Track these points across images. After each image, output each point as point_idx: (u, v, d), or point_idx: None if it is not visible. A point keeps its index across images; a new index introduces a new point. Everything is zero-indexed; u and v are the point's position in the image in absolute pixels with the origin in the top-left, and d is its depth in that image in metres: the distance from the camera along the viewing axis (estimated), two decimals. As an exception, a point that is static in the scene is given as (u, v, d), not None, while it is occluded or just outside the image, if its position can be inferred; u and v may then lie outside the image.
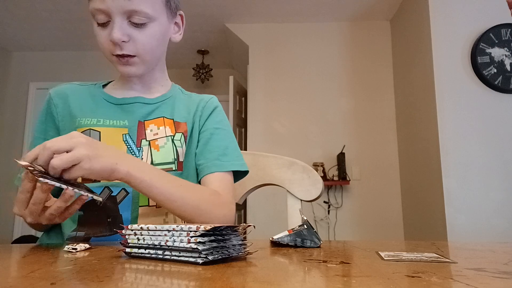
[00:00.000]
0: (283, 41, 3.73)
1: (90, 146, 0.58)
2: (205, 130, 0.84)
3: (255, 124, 3.60)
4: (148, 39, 0.75)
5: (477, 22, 2.67)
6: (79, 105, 0.81)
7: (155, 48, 0.78)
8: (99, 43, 0.75)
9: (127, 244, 0.51)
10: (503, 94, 2.61)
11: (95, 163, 0.57)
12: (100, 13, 0.71)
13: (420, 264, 0.44)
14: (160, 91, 0.87)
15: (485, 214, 2.45)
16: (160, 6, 0.76)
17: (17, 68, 4.38)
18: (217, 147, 0.82)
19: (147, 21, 0.73)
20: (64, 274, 0.39)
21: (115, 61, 0.76)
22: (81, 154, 0.56)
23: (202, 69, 4.51)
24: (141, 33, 0.74)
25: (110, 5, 0.70)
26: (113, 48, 0.73)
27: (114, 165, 0.60)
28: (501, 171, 2.51)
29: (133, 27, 0.73)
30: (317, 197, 0.94)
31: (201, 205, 0.71)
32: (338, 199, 3.41)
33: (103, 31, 0.74)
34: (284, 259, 0.51)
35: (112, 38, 0.71)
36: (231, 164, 0.81)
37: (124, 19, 0.72)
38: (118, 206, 0.74)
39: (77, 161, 0.55)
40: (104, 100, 0.82)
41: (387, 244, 0.66)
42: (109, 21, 0.72)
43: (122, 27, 0.72)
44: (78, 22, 3.72)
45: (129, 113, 0.80)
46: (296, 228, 0.64)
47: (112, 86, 0.86)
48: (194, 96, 0.91)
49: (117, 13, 0.71)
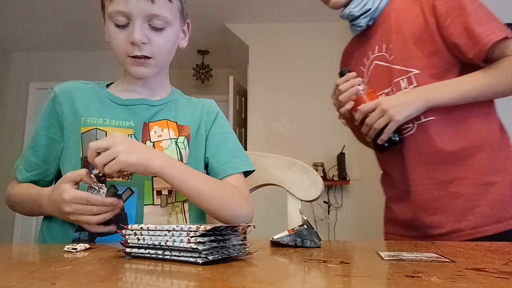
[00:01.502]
0: (283, 41, 3.73)
1: (126, 143, 0.66)
2: (212, 135, 0.88)
3: (255, 124, 3.60)
4: (165, 42, 0.78)
5: (477, 22, 2.66)
6: (85, 104, 0.81)
7: (169, 52, 0.82)
8: (114, 44, 0.77)
9: (127, 244, 0.51)
10: (503, 94, 2.60)
11: (130, 157, 0.65)
12: (121, 15, 0.74)
13: (420, 264, 0.44)
14: (162, 94, 0.89)
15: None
16: (176, 12, 0.80)
17: (17, 68, 4.38)
18: (228, 150, 0.87)
19: (165, 26, 0.77)
20: (64, 274, 0.39)
21: (129, 62, 0.78)
22: (118, 150, 0.65)
23: (202, 69, 4.51)
24: (158, 36, 0.77)
25: (133, 8, 0.73)
26: (131, 49, 0.76)
27: (147, 160, 0.67)
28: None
29: (152, 30, 0.76)
30: (317, 197, 0.94)
31: (225, 199, 0.77)
32: (338, 199, 3.41)
33: (121, 32, 0.75)
34: (284, 259, 0.51)
35: (133, 39, 0.73)
36: (243, 165, 0.86)
37: (144, 21, 0.75)
38: (123, 205, 0.75)
39: (115, 155, 0.64)
40: (110, 101, 0.83)
41: (387, 244, 0.66)
42: (129, 23, 0.75)
43: (142, 29, 0.74)
44: (78, 22, 3.72)
45: (135, 114, 0.82)
46: (296, 228, 0.64)
47: (115, 87, 0.88)
48: (195, 100, 0.93)
49: (139, 15, 0.74)
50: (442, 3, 0.91)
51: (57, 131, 0.81)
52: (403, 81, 0.95)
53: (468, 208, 0.88)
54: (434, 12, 0.92)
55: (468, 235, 0.87)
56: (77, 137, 0.77)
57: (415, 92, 0.92)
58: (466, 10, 0.89)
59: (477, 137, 0.91)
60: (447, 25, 0.90)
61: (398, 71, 0.96)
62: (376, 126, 0.91)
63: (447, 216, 0.90)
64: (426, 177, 0.93)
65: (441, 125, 0.92)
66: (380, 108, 0.91)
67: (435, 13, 0.92)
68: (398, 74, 0.96)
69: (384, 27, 1.02)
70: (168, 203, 0.79)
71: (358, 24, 1.05)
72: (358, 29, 1.07)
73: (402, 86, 0.95)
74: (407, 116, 0.90)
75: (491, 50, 0.86)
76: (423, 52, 0.94)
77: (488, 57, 0.88)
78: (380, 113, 0.91)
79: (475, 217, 0.87)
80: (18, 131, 4.22)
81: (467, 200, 0.88)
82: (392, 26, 0.99)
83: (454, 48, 0.91)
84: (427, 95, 0.90)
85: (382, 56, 1.01)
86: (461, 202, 0.89)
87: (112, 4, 0.74)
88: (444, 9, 0.91)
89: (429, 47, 0.93)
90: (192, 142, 0.84)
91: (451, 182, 0.91)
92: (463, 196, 0.89)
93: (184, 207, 0.81)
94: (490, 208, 0.87)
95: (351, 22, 1.07)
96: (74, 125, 0.79)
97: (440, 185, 0.91)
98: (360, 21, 1.03)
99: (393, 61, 0.98)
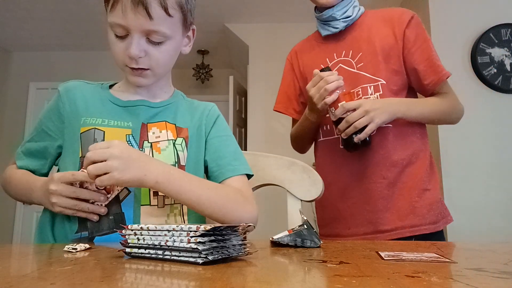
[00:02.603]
0: (283, 41, 3.72)
1: (122, 158, 0.65)
2: (212, 138, 0.88)
3: (255, 124, 3.60)
4: (162, 55, 0.78)
5: (477, 22, 2.67)
6: (85, 104, 0.83)
7: (167, 63, 0.82)
8: (113, 52, 0.78)
9: (127, 244, 0.51)
10: (503, 94, 2.60)
11: (124, 175, 0.64)
12: (120, 27, 0.73)
13: (420, 264, 0.44)
14: (163, 97, 0.89)
15: (485, 214, 2.45)
16: (177, 25, 0.78)
17: (17, 68, 4.38)
18: (228, 153, 0.86)
19: (164, 40, 0.76)
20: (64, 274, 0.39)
21: (128, 71, 0.79)
22: (112, 165, 0.63)
23: (202, 69, 4.51)
24: (156, 49, 0.76)
25: (131, 23, 0.72)
26: (129, 61, 0.76)
27: (142, 176, 0.66)
28: (501, 171, 2.51)
29: (149, 43, 0.76)
30: (317, 197, 0.94)
31: (227, 205, 0.75)
32: (338, 199, 3.41)
33: (120, 42, 0.76)
34: (284, 259, 0.51)
35: (130, 54, 0.74)
36: (243, 168, 0.85)
37: (142, 36, 0.74)
38: (121, 204, 0.75)
39: (109, 170, 0.63)
40: (110, 102, 0.84)
41: (387, 244, 0.66)
42: (127, 35, 0.74)
43: (140, 43, 0.74)
44: (78, 22, 3.72)
45: (134, 115, 0.83)
46: (296, 228, 0.64)
47: (118, 88, 0.89)
48: (196, 103, 0.94)
49: (136, 30, 0.73)
50: (412, 32, 1.07)
51: (55, 129, 0.82)
52: (370, 88, 1.07)
53: (409, 208, 1.01)
54: (403, 37, 1.06)
55: (408, 232, 0.99)
56: (77, 136, 0.78)
57: (396, 101, 1.04)
58: (429, 44, 1.07)
59: (416, 152, 1.06)
60: (412, 52, 1.06)
61: (367, 78, 1.07)
62: (357, 124, 0.96)
63: (392, 214, 1.01)
64: (379, 176, 1.03)
65: (395, 134, 1.05)
66: (363, 109, 0.97)
67: (404, 39, 1.07)
68: (366, 81, 1.07)
69: (354, 35, 1.12)
70: (165, 204, 0.79)
71: (335, 26, 1.12)
72: (333, 30, 1.13)
73: (369, 92, 1.07)
74: (384, 121, 0.99)
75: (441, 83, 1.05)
76: (387, 68, 1.06)
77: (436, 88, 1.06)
78: (362, 113, 0.96)
79: (414, 217, 1.00)
80: (18, 131, 4.22)
81: (409, 202, 1.01)
82: (363, 37, 1.10)
83: (413, 72, 1.07)
84: (405, 107, 1.02)
85: (348, 61, 1.11)
86: (405, 203, 1.01)
87: (112, 15, 0.73)
88: (413, 38, 1.06)
89: (393, 66, 1.07)
90: (191, 145, 0.84)
91: (397, 184, 1.03)
92: (406, 198, 1.02)
93: (183, 209, 0.81)
94: (426, 210, 1.01)
95: (326, 22, 1.13)
96: (74, 125, 0.80)
97: (390, 186, 1.03)
98: (338, 24, 1.11)
99: (361, 68, 1.08)
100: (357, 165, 1.06)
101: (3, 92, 4.28)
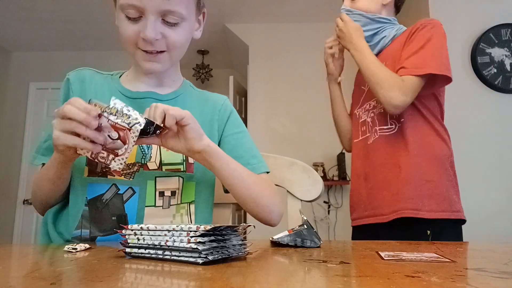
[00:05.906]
0: (283, 41, 3.72)
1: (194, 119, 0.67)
2: (227, 136, 0.87)
3: (255, 124, 3.59)
4: (179, 37, 0.75)
5: (477, 22, 2.66)
6: (94, 93, 0.81)
7: (183, 45, 0.79)
8: (123, 35, 0.74)
9: (127, 244, 0.51)
10: (503, 94, 2.60)
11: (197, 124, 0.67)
12: (134, 8, 0.70)
13: (420, 264, 0.44)
14: (172, 86, 0.86)
15: (485, 214, 2.45)
16: (193, 6, 0.77)
17: (17, 68, 4.37)
18: (245, 151, 0.85)
19: (180, 21, 0.74)
20: (64, 274, 0.39)
21: (140, 55, 0.75)
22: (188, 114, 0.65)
23: (202, 69, 4.51)
24: (173, 31, 0.74)
25: (147, 3, 0.69)
26: (143, 44, 0.73)
27: (202, 134, 0.69)
28: (501, 171, 2.51)
29: (165, 25, 0.73)
30: (317, 197, 0.94)
31: (263, 192, 0.78)
32: (338, 199, 3.41)
33: (132, 25, 0.72)
34: (284, 259, 0.51)
35: (145, 36, 0.71)
36: (262, 165, 0.85)
37: (158, 17, 0.72)
38: (124, 205, 0.74)
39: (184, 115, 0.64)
40: (119, 92, 0.81)
41: (387, 244, 0.66)
42: (141, 17, 0.72)
43: (155, 25, 0.71)
44: (78, 22, 3.72)
45: (142, 108, 0.81)
46: (296, 228, 0.64)
47: (125, 77, 0.86)
48: (207, 94, 0.92)
49: (153, 11, 0.70)
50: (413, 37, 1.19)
51: None
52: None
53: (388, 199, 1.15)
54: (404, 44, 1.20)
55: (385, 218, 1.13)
56: None
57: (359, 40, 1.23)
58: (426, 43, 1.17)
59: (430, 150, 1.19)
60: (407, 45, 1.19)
61: None
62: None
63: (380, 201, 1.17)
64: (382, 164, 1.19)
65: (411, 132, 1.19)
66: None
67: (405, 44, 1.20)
68: None
69: None
70: (171, 205, 0.77)
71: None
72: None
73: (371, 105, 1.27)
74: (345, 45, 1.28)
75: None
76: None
77: None
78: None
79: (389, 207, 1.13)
80: (18, 131, 4.21)
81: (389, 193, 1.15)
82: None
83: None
84: (360, 48, 1.21)
85: None
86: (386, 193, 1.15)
87: None
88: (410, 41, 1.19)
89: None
90: None
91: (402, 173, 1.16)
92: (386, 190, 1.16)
93: (190, 209, 0.80)
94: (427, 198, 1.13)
95: None
96: None
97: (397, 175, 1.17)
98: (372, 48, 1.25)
99: None
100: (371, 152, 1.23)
101: (3, 92, 4.28)
